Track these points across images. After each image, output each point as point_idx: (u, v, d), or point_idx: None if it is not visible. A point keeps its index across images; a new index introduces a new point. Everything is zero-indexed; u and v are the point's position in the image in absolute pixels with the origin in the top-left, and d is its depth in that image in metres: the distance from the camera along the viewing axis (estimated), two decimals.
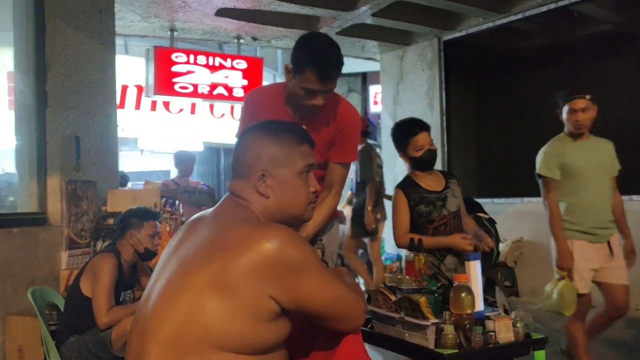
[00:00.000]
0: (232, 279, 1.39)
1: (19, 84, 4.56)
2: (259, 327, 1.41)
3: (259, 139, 1.62)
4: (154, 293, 1.50)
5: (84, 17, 4.70)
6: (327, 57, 2.35)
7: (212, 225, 1.55)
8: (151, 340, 1.42)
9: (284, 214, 1.62)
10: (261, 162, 1.60)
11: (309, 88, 2.36)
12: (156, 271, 1.59)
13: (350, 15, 6.95)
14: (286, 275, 1.43)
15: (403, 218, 3.23)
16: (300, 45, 2.40)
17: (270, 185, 1.60)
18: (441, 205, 3.22)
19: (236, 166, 1.66)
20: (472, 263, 2.52)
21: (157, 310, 1.45)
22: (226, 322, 1.38)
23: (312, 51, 2.35)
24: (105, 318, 3.14)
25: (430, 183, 3.28)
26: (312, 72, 2.32)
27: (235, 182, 1.65)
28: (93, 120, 4.72)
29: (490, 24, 7.37)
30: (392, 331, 2.49)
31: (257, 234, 1.44)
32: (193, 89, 7.70)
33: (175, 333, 1.40)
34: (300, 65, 2.35)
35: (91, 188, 4.60)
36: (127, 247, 3.43)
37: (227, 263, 1.40)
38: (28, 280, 4.09)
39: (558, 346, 3.81)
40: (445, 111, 8.06)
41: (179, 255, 1.52)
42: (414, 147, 3.23)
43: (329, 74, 2.36)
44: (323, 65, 2.33)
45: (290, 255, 1.43)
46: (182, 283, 1.44)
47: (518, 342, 2.36)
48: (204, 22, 7.12)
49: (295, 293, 1.45)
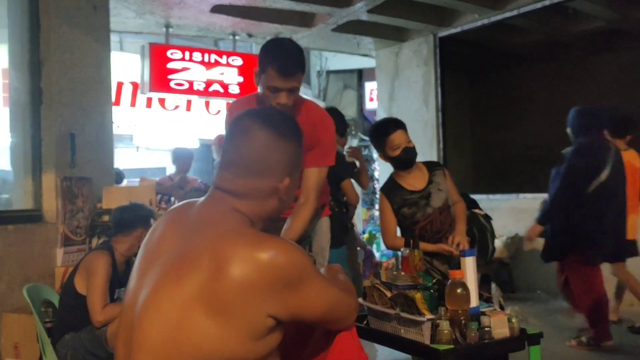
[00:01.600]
0: (225, 297, 1.32)
1: (13, 80, 4.55)
2: (254, 344, 1.36)
3: (283, 141, 1.53)
4: (141, 298, 1.43)
5: (78, 13, 4.68)
6: (287, 54, 2.49)
7: (201, 232, 1.45)
8: (139, 351, 1.37)
9: (278, 214, 1.60)
10: (286, 167, 1.53)
11: (272, 86, 2.46)
12: (138, 270, 1.50)
13: (345, 12, 6.94)
14: (284, 290, 1.37)
15: (389, 222, 3.26)
16: (264, 48, 2.54)
17: (286, 189, 1.54)
18: (425, 204, 3.21)
19: (247, 163, 1.51)
20: (467, 259, 2.53)
21: (144, 320, 1.38)
22: (220, 343, 1.32)
23: (273, 50, 2.51)
24: (101, 316, 3.14)
25: (413, 182, 3.27)
26: (274, 69, 2.43)
27: (235, 180, 1.51)
28: (88, 117, 4.71)
29: (486, 21, 7.38)
30: (388, 327, 2.50)
31: (252, 249, 1.36)
32: (188, 86, 7.69)
33: (164, 347, 1.34)
34: (263, 65, 2.48)
35: (86, 185, 4.59)
36: (126, 244, 3.43)
37: (219, 279, 1.33)
38: (23, 278, 4.08)
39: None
40: (441, 107, 8.07)
41: (165, 259, 1.44)
42: (390, 146, 3.22)
43: (290, 70, 2.45)
44: (283, 61, 2.44)
45: (287, 269, 1.37)
46: (170, 294, 1.36)
47: (513, 337, 2.38)
48: (199, 19, 7.11)
49: (294, 307, 1.41)
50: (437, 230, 3.20)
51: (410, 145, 3.24)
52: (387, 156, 3.26)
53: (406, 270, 2.74)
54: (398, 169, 3.29)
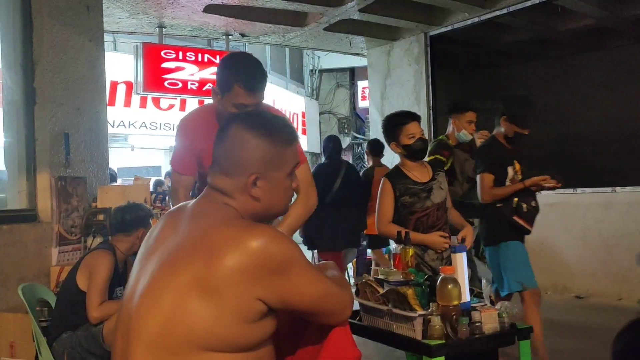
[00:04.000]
0: (216, 281, 1.37)
1: (6, 80, 4.55)
2: (245, 327, 1.40)
3: (253, 138, 1.54)
4: (138, 291, 1.48)
5: (71, 13, 4.69)
6: (251, 70, 2.46)
7: (194, 224, 1.51)
8: (136, 340, 1.41)
9: (267, 213, 1.61)
10: (255, 164, 1.54)
11: (239, 103, 2.42)
12: (137, 267, 1.56)
13: (337, 11, 6.97)
14: (273, 276, 1.41)
15: (387, 207, 3.28)
16: (224, 65, 2.51)
17: (261, 187, 1.54)
18: (425, 197, 3.26)
19: (223, 161, 1.57)
20: (458, 255, 2.57)
21: (141, 310, 1.43)
22: (211, 324, 1.37)
23: (236, 67, 2.47)
24: (97, 312, 3.16)
25: (418, 174, 3.32)
26: (240, 86, 2.40)
27: (219, 177, 1.57)
28: (82, 116, 4.72)
29: (476, 19, 7.43)
30: (380, 323, 2.54)
31: (242, 236, 1.42)
32: (182, 86, 7.70)
33: (159, 333, 1.39)
34: (227, 83, 2.43)
35: (81, 184, 4.60)
36: (127, 244, 3.46)
37: (211, 265, 1.38)
38: (18, 277, 4.09)
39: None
40: (432, 105, 8.12)
41: (161, 253, 1.49)
42: (406, 134, 3.28)
43: (256, 86, 2.44)
44: (248, 77, 2.42)
45: (276, 256, 1.41)
46: (166, 283, 1.42)
47: (504, 332, 2.41)
48: (193, 19, 7.12)
49: (283, 293, 1.44)
50: (432, 224, 3.24)
51: (424, 137, 3.31)
52: (401, 144, 3.30)
53: (398, 266, 2.78)
54: (409, 158, 3.33)
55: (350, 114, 13.86)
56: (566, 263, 6.68)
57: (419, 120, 3.36)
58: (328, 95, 13.87)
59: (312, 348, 1.68)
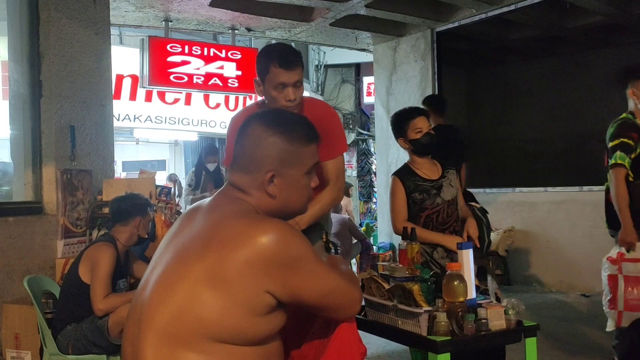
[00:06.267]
0: (227, 273, 1.39)
1: (13, 73, 4.56)
2: (254, 320, 1.42)
3: (270, 136, 1.56)
4: (151, 281, 1.51)
5: (78, 6, 4.69)
6: (283, 47, 2.63)
7: (208, 217, 1.53)
8: (148, 329, 1.43)
9: (284, 211, 1.61)
10: (271, 162, 1.55)
11: (279, 82, 2.49)
12: (153, 260, 1.60)
13: (343, 6, 6.95)
14: (282, 270, 1.43)
15: (401, 206, 3.25)
16: (259, 55, 2.65)
17: (278, 185, 1.56)
18: (435, 194, 3.23)
19: (241, 158, 1.59)
20: (464, 252, 2.55)
21: (153, 299, 1.46)
22: (221, 315, 1.39)
23: (270, 50, 2.62)
24: (102, 304, 3.17)
25: (427, 171, 3.29)
26: (275, 65, 2.49)
27: (237, 174, 1.59)
28: (88, 109, 4.73)
29: (483, 15, 7.39)
30: (385, 319, 2.53)
31: (253, 229, 1.43)
32: (188, 80, 7.70)
33: (170, 322, 1.41)
34: (264, 68, 2.54)
35: (86, 177, 4.61)
36: (126, 234, 3.46)
37: (222, 257, 1.40)
38: (24, 269, 4.11)
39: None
40: None
41: (175, 245, 1.53)
42: (413, 129, 3.25)
43: (292, 60, 2.52)
44: (281, 56, 2.51)
45: (285, 250, 1.43)
46: (178, 273, 1.44)
47: (510, 329, 2.40)
48: (199, 13, 7.11)
49: (292, 287, 1.46)
50: (443, 222, 3.22)
51: (432, 132, 3.29)
52: (408, 139, 3.27)
53: (403, 262, 2.77)
54: (417, 154, 3.30)
55: (355, 109, 13.84)
56: (572, 261, 6.66)
57: (427, 116, 3.34)
58: (333, 91, 13.84)
59: (318, 342, 1.69)
